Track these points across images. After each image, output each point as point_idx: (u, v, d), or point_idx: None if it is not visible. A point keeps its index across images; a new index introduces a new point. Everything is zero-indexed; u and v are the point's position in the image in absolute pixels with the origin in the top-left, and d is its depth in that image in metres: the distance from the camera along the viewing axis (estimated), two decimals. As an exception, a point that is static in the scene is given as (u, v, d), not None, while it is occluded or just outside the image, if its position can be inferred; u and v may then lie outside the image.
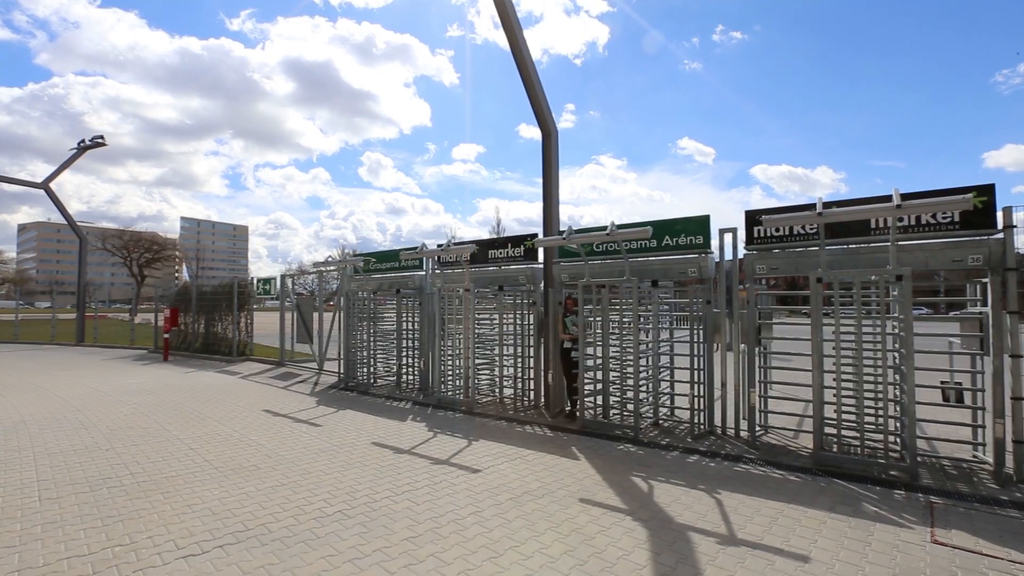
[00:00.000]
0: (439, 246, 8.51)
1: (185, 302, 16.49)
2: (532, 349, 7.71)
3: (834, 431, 5.00)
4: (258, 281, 15.23)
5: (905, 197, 4.80)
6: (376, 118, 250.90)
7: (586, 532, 3.61)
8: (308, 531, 3.62)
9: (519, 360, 7.71)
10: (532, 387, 7.72)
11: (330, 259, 11.94)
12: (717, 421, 6.14)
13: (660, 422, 6.57)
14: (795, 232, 5.62)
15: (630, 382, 6.19)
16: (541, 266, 7.77)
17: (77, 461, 5.17)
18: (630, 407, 6.22)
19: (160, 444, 5.77)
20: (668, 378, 6.78)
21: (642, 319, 6.49)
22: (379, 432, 6.36)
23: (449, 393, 8.07)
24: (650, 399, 6.52)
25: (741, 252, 5.98)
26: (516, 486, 4.52)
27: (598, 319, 6.53)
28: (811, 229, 5.49)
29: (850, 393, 5.08)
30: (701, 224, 6.28)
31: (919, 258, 4.98)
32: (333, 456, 5.37)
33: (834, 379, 4.93)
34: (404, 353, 9.40)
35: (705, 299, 6.17)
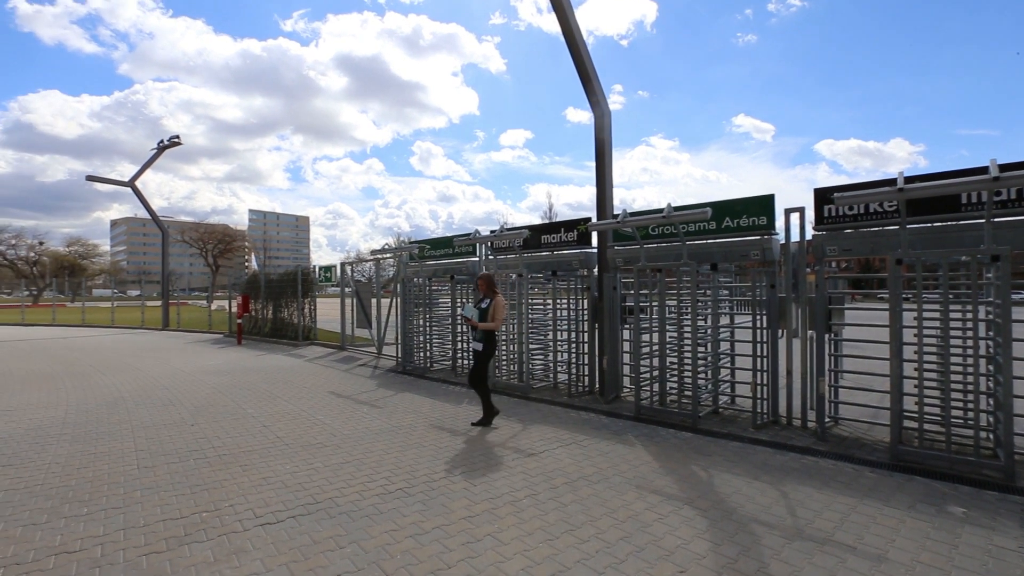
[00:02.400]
0: (492, 232, 8.55)
1: (255, 289, 17.54)
2: (586, 335, 7.65)
3: (915, 425, 4.65)
4: (320, 269, 15.96)
5: (1003, 168, 4.33)
6: (426, 108, 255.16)
7: (643, 519, 3.57)
8: (372, 506, 3.79)
9: (573, 345, 7.67)
10: (587, 373, 7.67)
11: (387, 247, 12.30)
12: (782, 411, 5.87)
13: (720, 410, 6.36)
14: (871, 210, 5.22)
15: (688, 368, 6.02)
16: (595, 250, 7.66)
17: (167, 434, 5.66)
18: (688, 394, 6.05)
19: (237, 421, 6.20)
20: (728, 365, 6.53)
21: (700, 304, 6.27)
22: (436, 414, 6.54)
23: (503, 378, 8.16)
24: (709, 386, 6.32)
25: (809, 233, 5.62)
26: (571, 471, 4.53)
27: (655, 304, 6.38)
28: (890, 207, 5.08)
29: (934, 384, 4.71)
30: (764, 204, 5.96)
31: (1020, 236, 4.50)
32: (393, 436, 5.58)
33: (915, 369, 4.57)
34: (459, 338, 9.59)
35: (769, 283, 5.87)
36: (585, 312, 7.69)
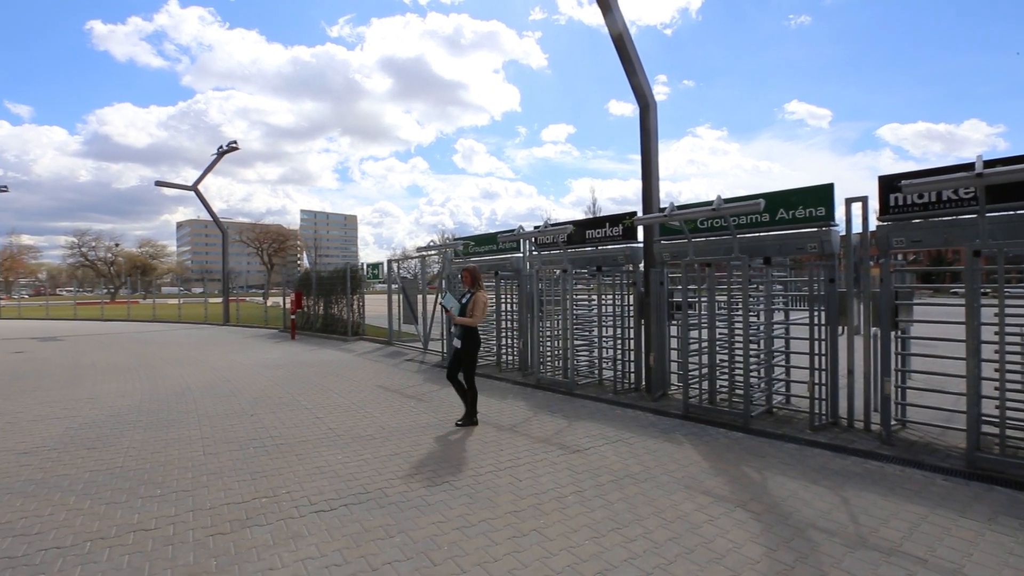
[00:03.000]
0: (536, 228, 8.53)
1: (307, 286, 18.26)
2: (632, 331, 7.52)
3: (996, 430, 4.30)
4: (367, 266, 16.43)
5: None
6: (468, 106, 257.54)
7: (692, 520, 3.48)
8: (419, 498, 3.88)
9: (619, 342, 7.55)
10: (633, 369, 7.54)
11: (432, 244, 12.51)
12: (842, 412, 5.57)
13: (773, 410, 6.11)
14: (944, 198, 4.84)
15: (739, 366, 5.81)
16: (641, 245, 7.50)
17: (229, 423, 5.99)
18: (739, 393, 5.84)
19: (292, 412, 6.49)
20: (783, 363, 6.25)
21: (752, 299, 6.03)
22: (481, 410, 6.59)
23: (548, 374, 8.15)
24: (762, 385, 6.07)
25: (872, 224, 5.29)
26: (617, 468, 4.47)
27: (703, 299, 6.19)
28: (966, 194, 4.69)
29: (1019, 387, 4.33)
30: (822, 194, 5.65)
31: (1120, 224, 4.06)
32: (439, 430, 5.68)
33: (995, 369, 4.22)
34: (503, 334, 9.64)
35: (828, 277, 5.57)
36: (631, 308, 7.56)
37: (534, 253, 9.06)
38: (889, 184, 5.09)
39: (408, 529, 3.39)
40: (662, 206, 6.92)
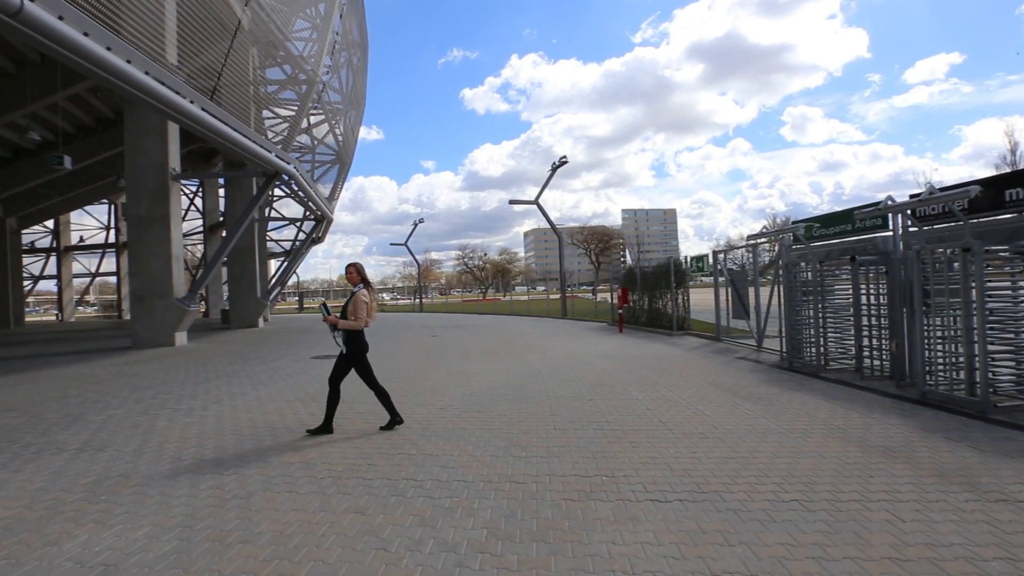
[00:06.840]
0: (912, 197, 6.57)
1: (631, 281, 19.14)
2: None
3: None
4: (691, 259, 16.01)
5: None
6: (796, 69, 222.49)
7: None
8: (762, 511, 3.48)
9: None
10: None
11: (765, 229, 11.24)
12: None
13: None
14: None
15: None
16: (1125, 202, 4.83)
17: (571, 405, 6.78)
18: None
19: (623, 401, 6.86)
20: None
21: None
22: (836, 423, 5.50)
23: (940, 388, 6.16)
24: None
25: None
26: (1090, 540, 2.97)
27: None
28: None
29: None
30: None
31: None
32: (782, 440, 5.00)
33: None
34: (865, 333, 7.82)
35: None
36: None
37: (911, 229, 7.00)
38: None
39: (750, 542, 3.08)
40: None
